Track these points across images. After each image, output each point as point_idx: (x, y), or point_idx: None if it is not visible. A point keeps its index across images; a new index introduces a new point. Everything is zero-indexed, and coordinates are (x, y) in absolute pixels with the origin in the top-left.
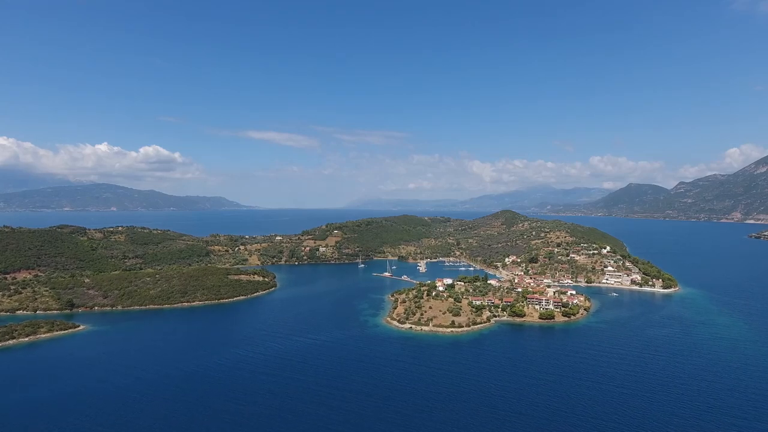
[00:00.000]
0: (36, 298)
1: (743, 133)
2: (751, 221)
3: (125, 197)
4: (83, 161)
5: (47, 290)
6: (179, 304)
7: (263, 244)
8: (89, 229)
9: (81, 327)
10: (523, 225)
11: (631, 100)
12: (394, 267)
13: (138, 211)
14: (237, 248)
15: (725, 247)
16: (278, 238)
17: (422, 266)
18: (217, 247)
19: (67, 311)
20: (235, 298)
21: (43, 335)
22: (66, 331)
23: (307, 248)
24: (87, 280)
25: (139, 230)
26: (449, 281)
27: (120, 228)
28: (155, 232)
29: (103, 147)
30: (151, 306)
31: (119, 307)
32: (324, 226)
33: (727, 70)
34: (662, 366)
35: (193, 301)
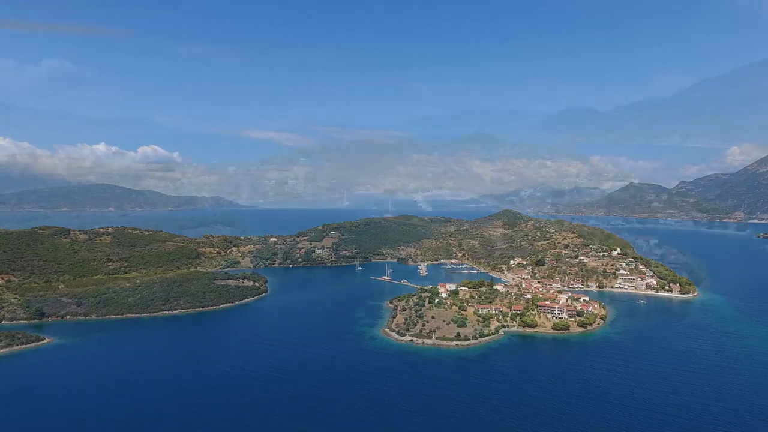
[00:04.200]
0: (3, 307)
1: (745, 132)
2: (755, 221)
3: (124, 197)
4: (81, 161)
5: (16, 297)
6: (160, 313)
7: (257, 246)
8: (73, 230)
9: (46, 340)
10: (526, 225)
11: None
12: (391, 270)
13: (137, 211)
14: (229, 250)
15: (734, 247)
16: (273, 239)
17: (423, 269)
18: (208, 249)
19: (36, 321)
20: (221, 306)
21: (0, 350)
22: (28, 345)
23: (303, 250)
24: (61, 287)
25: (129, 231)
26: (452, 286)
27: (108, 229)
28: (146, 233)
29: (101, 147)
30: (129, 315)
31: (93, 317)
32: (320, 227)
33: (730, 69)
34: (701, 388)
35: (175, 309)
